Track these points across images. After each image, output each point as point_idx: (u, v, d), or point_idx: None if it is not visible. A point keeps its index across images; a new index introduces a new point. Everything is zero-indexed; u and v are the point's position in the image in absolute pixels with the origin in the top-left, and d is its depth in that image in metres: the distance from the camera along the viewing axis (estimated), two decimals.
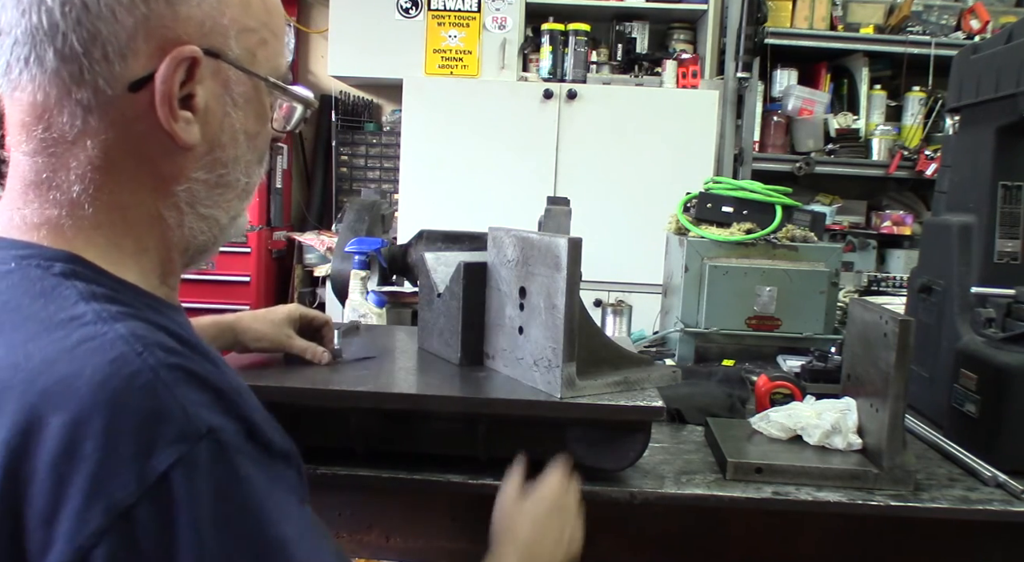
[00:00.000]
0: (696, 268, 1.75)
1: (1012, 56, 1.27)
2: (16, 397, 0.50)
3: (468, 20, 3.45)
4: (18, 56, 0.59)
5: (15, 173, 0.62)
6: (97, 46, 0.58)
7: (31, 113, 0.60)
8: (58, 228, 0.61)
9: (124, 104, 0.60)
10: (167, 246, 0.66)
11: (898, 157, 3.46)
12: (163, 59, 0.60)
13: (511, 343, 1.09)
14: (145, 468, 0.48)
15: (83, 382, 0.50)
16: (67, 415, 0.49)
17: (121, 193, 0.62)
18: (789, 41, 3.45)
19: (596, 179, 3.32)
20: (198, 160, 0.65)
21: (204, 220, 0.67)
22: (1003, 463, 1.13)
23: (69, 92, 0.59)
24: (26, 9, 0.58)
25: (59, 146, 0.60)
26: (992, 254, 1.31)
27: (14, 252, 0.59)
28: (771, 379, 1.31)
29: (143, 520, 0.48)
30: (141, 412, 0.50)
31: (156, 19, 0.60)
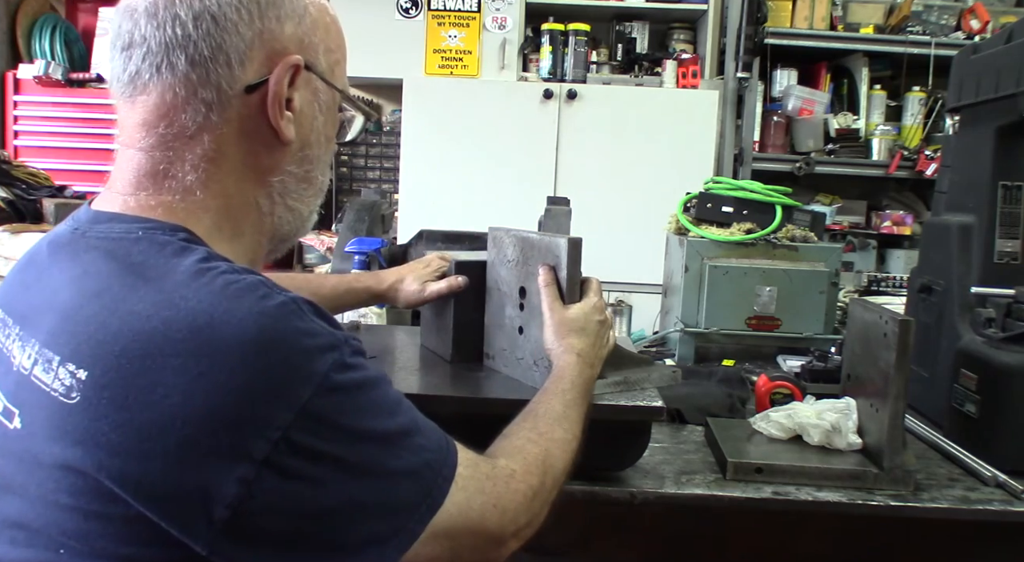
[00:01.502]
0: (696, 268, 1.75)
1: (1012, 56, 1.27)
2: (184, 326, 0.58)
3: (468, 20, 3.45)
4: (149, 64, 0.69)
5: (128, 166, 0.71)
6: (222, 54, 0.69)
7: (155, 113, 0.70)
8: (172, 210, 0.70)
9: (239, 104, 0.71)
10: (259, 232, 0.76)
11: (898, 157, 3.46)
12: (271, 67, 0.71)
13: (511, 343, 1.09)
14: (310, 371, 0.60)
15: (244, 313, 0.60)
16: (236, 340, 0.58)
17: (227, 181, 0.72)
18: (789, 41, 3.45)
19: (596, 179, 3.32)
20: (292, 155, 0.76)
21: (291, 211, 0.78)
22: (1003, 463, 1.13)
23: (196, 92, 0.69)
24: (160, 24, 0.68)
25: (178, 140, 0.70)
26: (992, 254, 1.31)
27: (137, 225, 0.68)
28: (771, 379, 1.31)
29: (321, 410, 0.60)
30: (296, 331, 0.61)
31: (268, 33, 0.71)
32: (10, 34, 3.57)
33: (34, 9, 3.63)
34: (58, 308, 0.64)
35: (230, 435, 0.57)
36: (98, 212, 0.71)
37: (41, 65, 3.30)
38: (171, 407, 0.56)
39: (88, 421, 0.57)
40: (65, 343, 0.61)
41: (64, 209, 1.99)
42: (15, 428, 0.62)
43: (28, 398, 0.62)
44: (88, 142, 3.33)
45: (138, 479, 0.56)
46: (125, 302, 0.61)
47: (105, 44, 3.38)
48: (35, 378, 0.61)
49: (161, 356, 0.57)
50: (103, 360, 0.58)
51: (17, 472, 0.61)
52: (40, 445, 0.59)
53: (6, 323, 0.71)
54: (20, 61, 3.51)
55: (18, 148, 3.33)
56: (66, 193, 2.17)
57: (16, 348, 0.66)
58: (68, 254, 0.69)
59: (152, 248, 0.65)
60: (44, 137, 3.34)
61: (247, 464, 0.57)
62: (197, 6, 0.68)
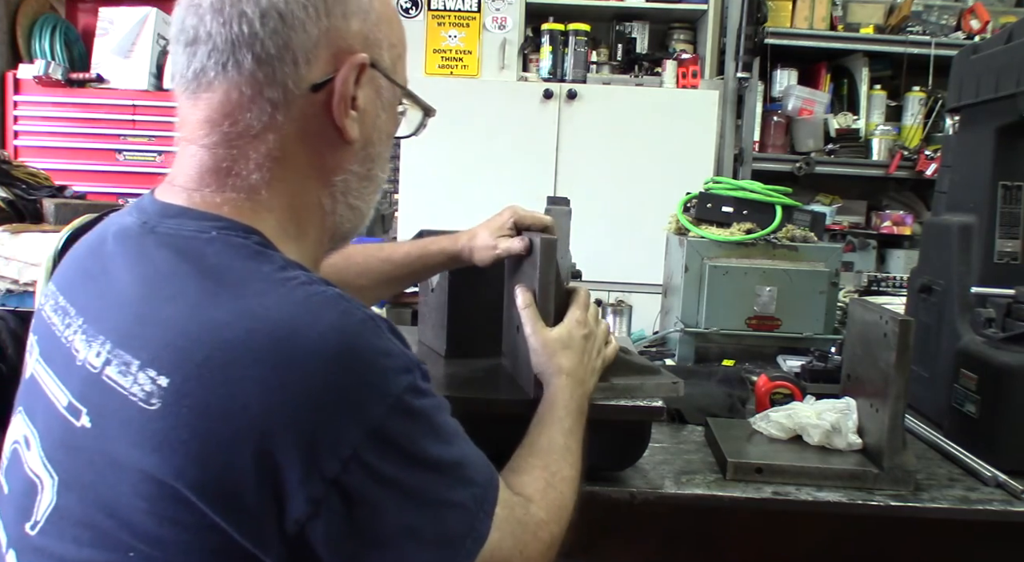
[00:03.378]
0: (696, 268, 1.75)
1: (1012, 56, 1.27)
2: (266, 337, 0.58)
3: (468, 20, 3.45)
4: (215, 61, 0.67)
5: (190, 162, 0.70)
6: (288, 52, 0.67)
7: (219, 111, 0.68)
8: (238, 208, 0.69)
9: (305, 103, 0.69)
10: (321, 231, 0.75)
11: (898, 157, 3.46)
12: (337, 65, 0.70)
13: (512, 341, 1.10)
14: (384, 393, 0.60)
15: (325, 327, 0.59)
16: (317, 354, 0.58)
17: (292, 181, 0.71)
18: (789, 41, 3.45)
19: (596, 179, 3.32)
20: (355, 154, 0.75)
21: (352, 210, 0.77)
22: (1003, 463, 1.13)
23: (262, 91, 0.68)
24: (226, 21, 0.67)
25: (242, 139, 0.69)
26: (992, 254, 1.31)
27: (209, 223, 0.66)
28: (771, 379, 1.31)
29: (391, 432, 0.60)
30: (374, 350, 0.61)
31: (334, 31, 0.70)
32: (10, 34, 3.57)
33: (34, 9, 3.63)
34: (130, 307, 0.63)
35: (306, 450, 0.56)
36: (166, 205, 0.70)
37: (41, 65, 3.29)
38: (251, 419, 0.56)
39: (168, 428, 0.57)
40: (142, 347, 0.60)
41: (64, 209, 1.99)
42: (83, 426, 0.61)
43: (100, 399, 0.61)
44: (88, 142, 3.33)
45: (215, 489, 0.56)
46: (205, 308, 0.60)
47: (105, 44, 3.39)
48: (109, 379, 0.60)
49: (242, 367, 0.57)
50: (184, 368, 0.57)
51: (85, 471, 0.60)
52: (115, 447, 0.59)
53: (67, 312, 0.70)
54: (20, 61, 3.51)
55: (18, 148, 3.33)
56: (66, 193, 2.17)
57: (80, 342, 0.65)
58: (136, 249, 0.67)
59: (227, 250, 0.64)
60: (44, 137, 3.34)
61: (318, 482, 0.56)
62: (264, 3, 0.67)
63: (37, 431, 0.67)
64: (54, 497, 0.62)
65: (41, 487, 0.63)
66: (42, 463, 0.64)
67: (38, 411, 0.68)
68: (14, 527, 0.66)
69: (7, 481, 0.70)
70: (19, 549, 0.65)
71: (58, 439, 0.64)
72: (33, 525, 0.63)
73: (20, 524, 0.64)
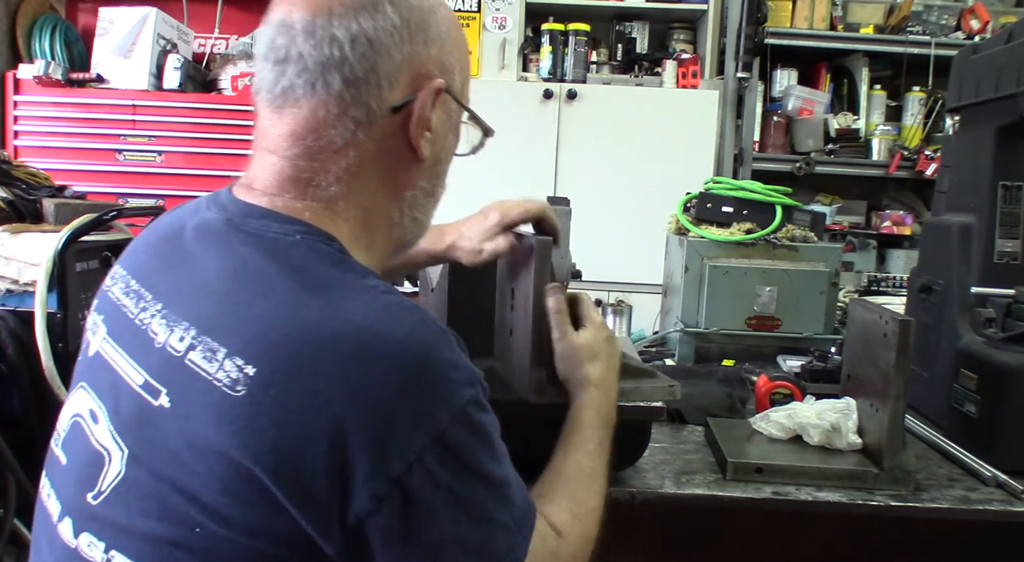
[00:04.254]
0: (696, 268, 1.75)
1: (1012, 56, 1.27)
2: (351, 339, 0.62)
3: (468, 20, 3.44)
4: (305, 80, 0.71)
5: (270, 171, 0.74)
6: (374, 75, 0.72)
7: (304, 126, 0.72)
8: (318, 216, 0.73)
9: (385, 123, 0.74)
10: (387, 242, 0.80)
11: (898, 157, 3.46)
12: (416, 89, 0.75)
13: (505, 344, 1.09)
14: (452, 403, 0.63)
15: (405, 335, 0.63)
16: (396, 360, 0.62)
17: (366, 194, 0.76)
18: (789, 41, 3.45)
19: (596, 179, 3.32)
20: (425, 172, 0.80)
21: (415, 222, 0.82)
22: (1003, 463, 1.13)
23: (347, 110, 0.72)
24: (318, 43, 0.71)
25: (324, 153, 0.73)
26: (992, 254, 1.31)
27: (293, 226, 0.71)
28: (771, 379, 1.31)
29: (453, 441, 0.63)
30: (446, 362, 0.65)
31: (416, 56, 0.75)
32: (10, 34, 3.56)
33: (34, 9, 3.63)
34: (217, 298, 0.66)
35: (376, 449, 0.60)
36: (249, 205, 0.73)
37: (41, 65, 3.29)
38: (330, 415, 0.59)
39: (252, 415, 0.60)
40: (231, 336, 0.63)
41: (64, 209, 1.99)
42: (161, 405, 0.64)
43: (182, 381, 0.64)
44: (88, 142, 3.32)
45: (290, 476, 0.59)
46: (294, 307, 0.63)
47: (104, 44, 3.38)
48: (192, 363, 0.63)
49: (327, 364, 0.60)
50: (272, 360, 0.61)
51: (159, 447, 0.63)
52: (195, 428, 0.61)
53: (141, 296, 0.73)
54: (20, 61, 3.50)
55: (18, 148, 3.32)
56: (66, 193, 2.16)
57: (159, 326, 0.68)
58: (222, 244, 0.71)
59: (311, 255, 0.68)
60: (44, 137, 3.33)
61: (383, 480, 0.59)
62: (354, 28, 0.71)
63: (105, 406, 0.70)
64: (123, 469, 0.65)
65: (109, 459, 0.66)
66: (111, 436, 0.67)
67: (105, 387, 0.71)
68: (74, 496, 0.68)
69: (65, 452, 0.73)
70: (78, 517, 0.67)
71: (132, 415, 0.66)
72: (96, 495, 0.66)
73: (81, 493, 0.67)
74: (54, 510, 0.71)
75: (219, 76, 3.52)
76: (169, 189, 3.29)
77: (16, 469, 1.62)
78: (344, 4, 0.71)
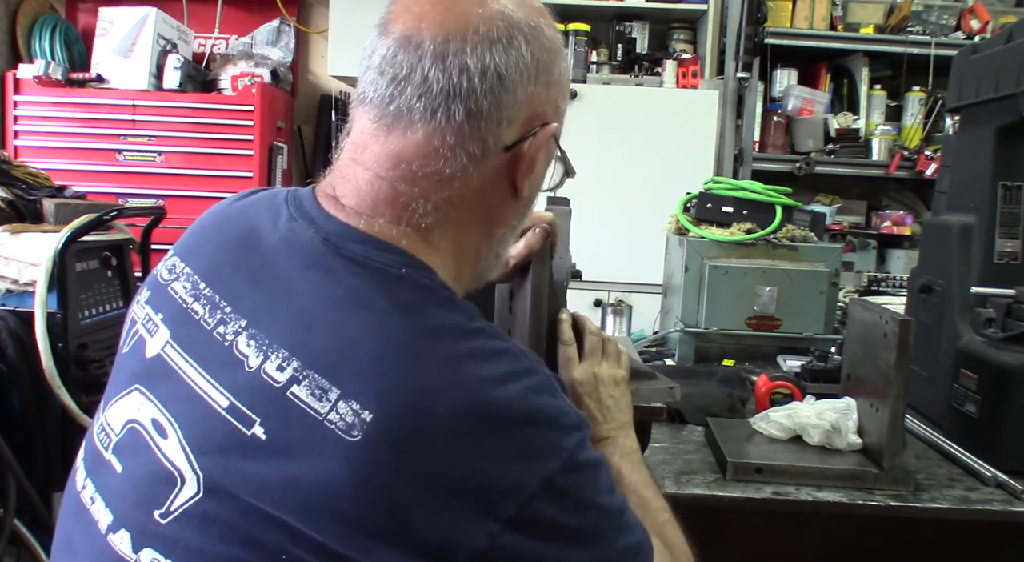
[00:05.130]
0: (696, 268, 1.75)
1: (1012, 56, 1.27)
2: (468, 414, 0.61)
3: None
4: (425, 106, 0.68)
5: (367, 188, 0.71)
6: (496, 111, 0.70)
7: (415, 150, 0.70)
8: (414, 245, 0.70)
9: (494, 160, 0.72)
10: (471, 276, 0.79)
11: (898, 157, 3.46)
12: (528, 128, 0.73)
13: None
14: (561, 447, 0.64)
15: (518, 396, 0.63)
16: (509, 411, 0.62)
17: (460, 228, 0.74)
18: (789, 41, 3.44)
19: (596, 179, 3.32)
20: (519, 211, 0.78)
21: (497, 257, 0.80)
22: (1003, 463, 1.13)
23: (463, 143, 0.69)
24: (447, 69, 0.68)
25: (428, 181, 0.70)
26: (992, 254, 1.31)
27: (396, 257, 0.68)
28: (771, 379, 1.31)
29: (563, 484, 0.63)
30: (553, 409, 0.65)
31: (536, 97, 0.73)
32: (10, 34, 3.57)
33: (34, 9, 3.63)
34: (323, 330, 0.64)
35: (488, 494, 0.60)
36: (348, 226, 0.70)
37: (41, 65, 3.29)
38: (444, 465, 0.60)
39: (366, 462, 0.59)
40: (345, 378, 0.61)
41: (64, 209, 1.99)
42: (253, 435, 0.62)
43: (282, 414, 0.62)
44: (88, 142, 3.32)
45: (404, 519, 0.59)
46: (410, 352, 0.62)
47: (105, 44, 3.38)
48: (296, 398, 0.61)
49: (443, 435, 0.60)
50: (388, 408, 0.60)
51: (247, 479, 0.61)
52: (301, 467, 0.60)
53: (217, 306, 0.69)
54: (20, 61, 3.51)
55: (18, 148, 3.32)
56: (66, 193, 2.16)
57: (247, 347, 0.65)
58: (322, 268, 0.67)
59: (419, 293, 0.67)
60: (44, 137, 3.34)
61: (494, 521, 0.60)
62: (487, 60, 0.68)
63: (177, 422, 0.67)
64: (199, 492, 0.63)
65: (181, 480, 0.64)
66: (185, 457, 0.64)
67: (173, 399, 0.68)
68: (134, 510, 0.66)
69: (120, 460, 0.69)
70: (139, 532, 0.65)
71: (215, 440, 0.63)
72: (165, 514, 0.63)
73: (144, 509, 0.65)
74: (102, 518, 0.68)
75: (219, 76, 3.53)
76: (169, 189, 3.30)
77: (16, 469, 1.62)
78: (479, 33, 0.69)
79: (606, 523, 0.67)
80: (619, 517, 0.69)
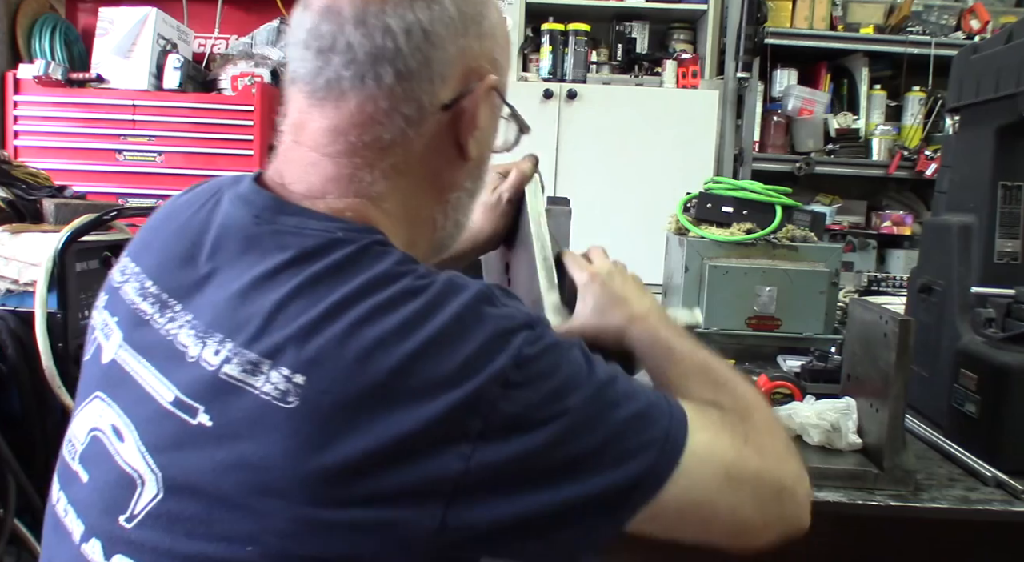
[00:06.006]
0: (696, 268, 1.75)
1: (1012, 56, 1.27)
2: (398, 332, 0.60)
3: None
4: (354, 73, 0.67)
5: (312, 170, 0.70)
6: (427, 69, 0.68)
7: (349, 121, 0.68)
8: (360, 211, 0.69)
9: (434, 120, 0.70)
10: (428, 245, 0.77)
11: (898, 157, 3.46)
12: (466, 84, 0.71)
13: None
14: (508, 345, 0.61)
15: (452, 309, 0.61)
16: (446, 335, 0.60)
17: (410, 195, 0.72)
18: (789, 41, 3.45)
19: (596, 179, 3.32)
20: (469, 172, 0.76)
21: (456, 225, 0.79)
22: (1003, 463, 1.13)
23: (398, 106, 0.68)
24: (369, 33, 0.66)
25: (369, 151, 0.69)
26: (992, 254, 1.31)
27: (333, 223, 0.66)
28: (771, 379, 1.31)
29: (521, 379, 0.60)
30: (492, 316, 0.62)
31: (468, 50, 0.71)
32: (10, 34, 3.56)
33: (34, 9, 3.63)
34: (251, 306, 0.62)
35: (447, 421, 0.58)
36: (281, 201, 0.69)
37: (41, 65, 3.29)
38: (393, 409, 0.58)
39: (308, 426, 0.57)
40: (274, 346, 0.60)
41: (64, 209, 1.99)
42: (199, 424, 0.61)
43: (221, 397, 0.61)
44: (88, 142, 3.32)
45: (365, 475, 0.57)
46: (338, 308, 0.60)
47: (105, 44, 3.38)
48: (230, 377, 0.60)
49: (378, 360, 0.58)
50: (320, 366, 0.58)
51: (204, 468, 0.60)
52: (245, 446, 0.58)
53: (165, 304, 0.68)
54: (20, 61, 3.50)
55: (18, 148, 3.32)
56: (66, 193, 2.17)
57: (188, 338, 0.64)
58: (253, 246, 0.66)
59: (351, 251, 0.64)
60: (44, 137, 3.33)
61: (462, 442, 0.58)
62: (409, 18, 0.67)
63: (132, 423, 0.66)
64: (160, 492, 0.62)
65: (141, 482, 0.63)
66: (142, 458, 0.63)
67: (129, 402, 0.67)
68: (102, 518, 0.65)
69: (86, 469, 0.69)
70: (108, 539, 0.64)
71: (166, 436, 0.63)
72: (130, 518, 0.63)
73: (110, 516, 0.64)
74: (75, 529, 0.67)
75: (219, 76, 3.52)
76: (169, 189, 3.29)
77: (16, 469, 1.62)
78: None
79: (592, 399, 0.64)
80: (608, 388, 0.65)
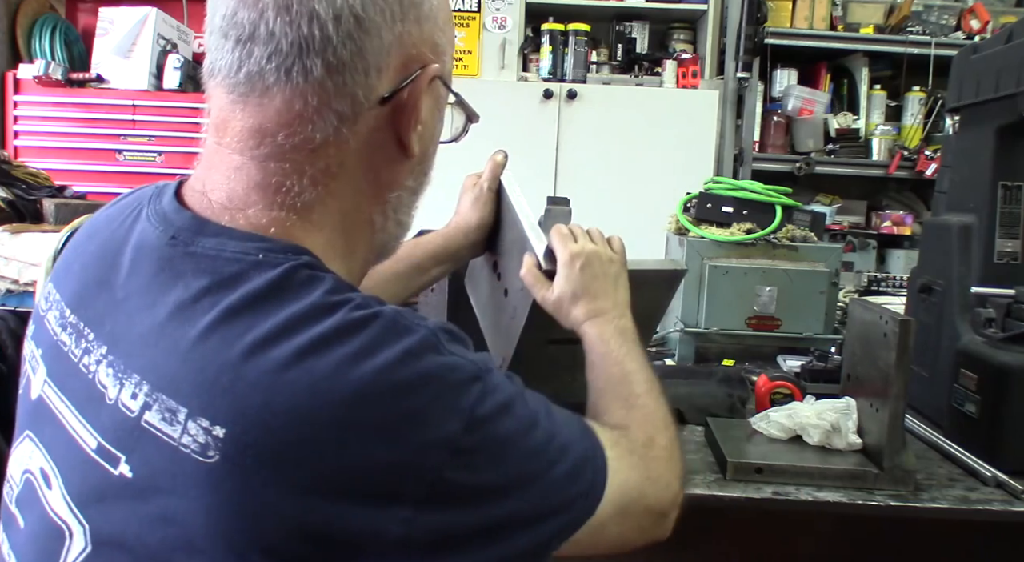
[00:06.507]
0: (696, 268, 1.75)
1: (1012, 56, 1.27)
2: (327, 377, 0.54)
3: (468, 20, 3.44)
4: (277, 65, 0.59)
5: (235, 175, 0.62)
6: (360, 60, 0.60)
7: (275, 120, 0.61)
8: (285, 228, 0.62)
9: (370, 116, 0.63)
10: (369, 249, 0.70)
11: (898, 157, 3.46)
12: (405, 74, 0.64)
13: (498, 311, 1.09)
14: (458, 407, 0.56)
15: (390, 355, 0.55)
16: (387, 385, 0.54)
17: (345, 198, 0.65)
18: (789, 41, 3.45)
19: (596, 179, 3.32)
20: (411, 169, 0.70)
21: (399, 225, 0.72)
22: (1003, 463, 1.13)
23: (329, 102, 0.60)
24: (294, 20, 0.58)
25: (298, 152, 0.61)
26: (992, 254, 1.31)
27: (254, 244, 0.60)
28: (771, 379, 1.31)
29: (471, 445, 0.56)
30: (439, 367, 0.57)
31: (407, 38, 0.63)
32: (10, 34, 3.56)
33: (34, 9, 3.63)
34: (167, 343, 0.56)
35: (385, 481, 0.53)
36: (201, 221, 0.62)
37: (41, 65, 3.29)
38: (324, 464, 0.52)
39: (229, 483, 0.52)
40: (191, 393, 0.54)
41: (64, 209, 1.99)
42: (122, 475, 0.55)
43: (142, 447, 0.55)
44: (88, 142, 3.32)
45: (295, 531, 0.52)
46: (259, 347, 0.54)
47: (105, 44, 3.38)
48: (151, 426, 0.55)
49: (307, 410, 0.52)
50: (241, 418, 0.52)
51: (129, 521, 0.55)
52: (168, 501, 0.53)
53: (82, 334, 0.62)
54: (20, 61, 3.50)
55: (18, 148, 3.32)
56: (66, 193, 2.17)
57: (107, 377, 0.58)
58: (169, 273, 0.59)
59: (275, 278, 0.57)
60: (44, 137, 3.33)
61: (404, 505, 0.53)
62: (339, 3, 0.59)
63: (59, 469, 0.61)
64: (88, 546, 0.57)
65: (70, 534, 0.58)
66: (69, 509, 0.59)
67: (55, 445, 0.62)
68: None
69: (22, 514, 0.64)
70: None
71: (91, 486, 0.57)
72: None
73: None
74: None
75: None
76: None
77: None
78: None
79: (536, 459, 0.61)
80: (549, 444, 0.62)
